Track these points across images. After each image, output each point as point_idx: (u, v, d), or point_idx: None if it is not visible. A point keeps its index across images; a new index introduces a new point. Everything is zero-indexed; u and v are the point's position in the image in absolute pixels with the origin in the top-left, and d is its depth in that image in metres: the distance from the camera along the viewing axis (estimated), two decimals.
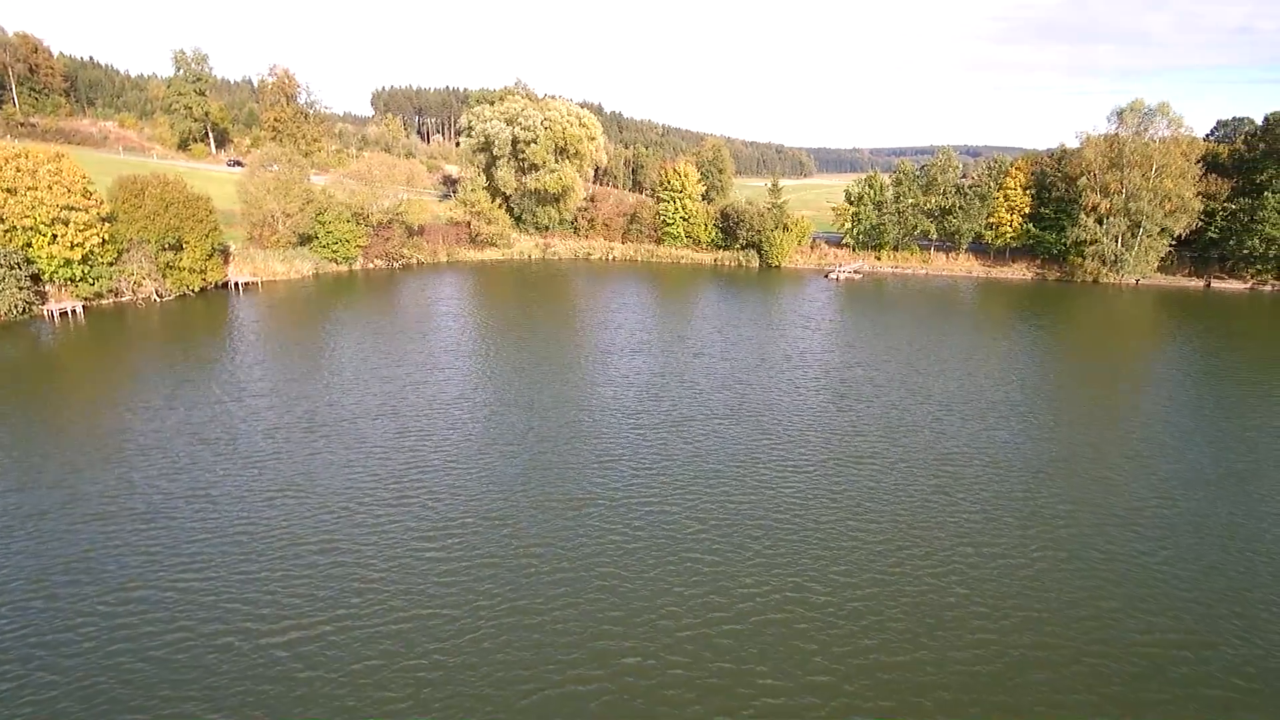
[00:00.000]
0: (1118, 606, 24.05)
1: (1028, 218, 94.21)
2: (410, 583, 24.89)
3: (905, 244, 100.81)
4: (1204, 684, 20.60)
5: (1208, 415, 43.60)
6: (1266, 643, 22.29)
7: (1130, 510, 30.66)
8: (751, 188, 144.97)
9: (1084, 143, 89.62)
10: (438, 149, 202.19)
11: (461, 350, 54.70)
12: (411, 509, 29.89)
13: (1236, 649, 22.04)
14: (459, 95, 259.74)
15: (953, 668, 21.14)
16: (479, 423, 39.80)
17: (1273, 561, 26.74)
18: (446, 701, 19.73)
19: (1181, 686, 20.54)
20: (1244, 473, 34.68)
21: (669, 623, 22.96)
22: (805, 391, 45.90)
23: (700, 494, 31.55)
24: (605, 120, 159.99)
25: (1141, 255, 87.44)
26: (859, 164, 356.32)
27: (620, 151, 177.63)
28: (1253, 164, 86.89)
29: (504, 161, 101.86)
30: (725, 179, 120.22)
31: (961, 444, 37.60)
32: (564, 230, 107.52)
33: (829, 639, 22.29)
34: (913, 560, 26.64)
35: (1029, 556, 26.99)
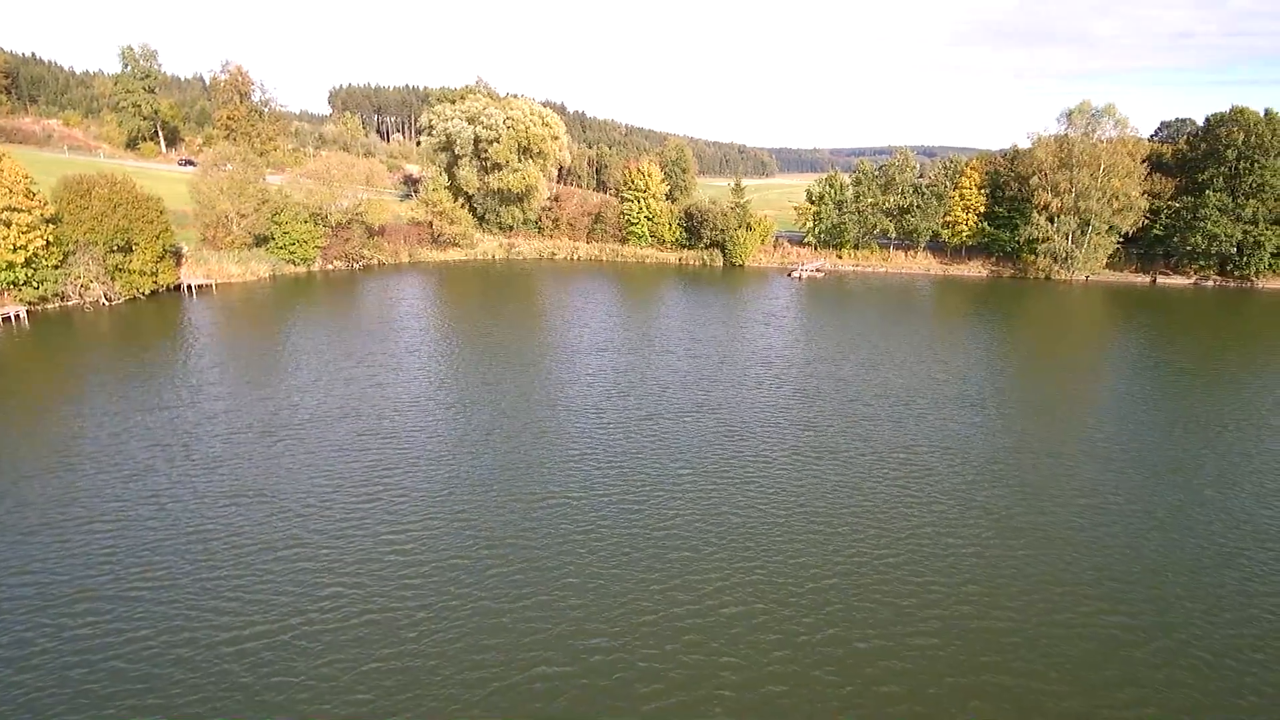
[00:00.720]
0: (1070, 589, 24.84)
1: (982, 216, 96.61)
2: (376, 583, 24.62)
3: (865, 243, 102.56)
4: (1153, 663, 21.41)
5: (1154, 405, 45.34)
6: (1212, 622, 23.25)
7: (1080, 496, 31.71)
8: (715, 187, 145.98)
9: (1035, 143, 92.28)
10: (398, 148, 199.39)
11: (425, 351, 54.12)
12: (376, 509, 29.54)
13: (1185, 628, 22.92)
14: (419, 94, 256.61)
15: (912, 651, 21.67)
16: (443, 422, 39.46)
17: (1217, 544, 27.91)
18: (415, 700, 19.59)
19: (1131, 666, 21.31)
20: (1187, 460, 36.13)
21: (636, 616, 23.11)
22: (769, 387, 46.47)
23: (666, 489, 31.75)
24: (568, 120, 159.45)
25: (1091, 252, 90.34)
26: (819, 164, 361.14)
27: (584, 151, 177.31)
28: (1195, 164, 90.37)
29: (466, 161, 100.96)
30: (688, 179, 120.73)
31: (920, 435, 38.48)
32: (528, 230, 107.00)
33: (794, 628, 22.66)
34: (873, 549, 27.19)
35: (984, 543, 27.76)
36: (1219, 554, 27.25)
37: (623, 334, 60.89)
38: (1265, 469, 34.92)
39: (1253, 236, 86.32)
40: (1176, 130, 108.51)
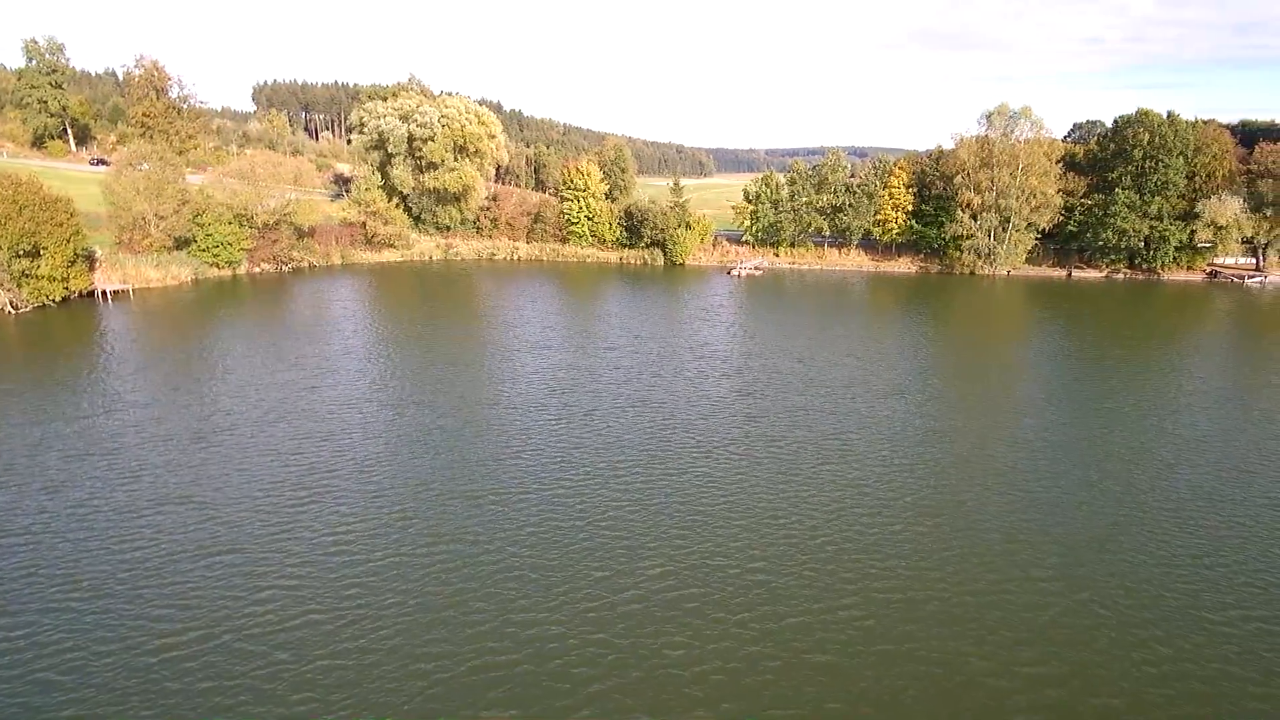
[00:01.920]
0: (985, 561, 26.14)
1: (911, 215, 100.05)
2: (315, 584, 24.20)
3: (801, 241, 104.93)
4: (1059, 623, 22.75)
5: (1069, 390, 48.00)
6: (1114, 585, 24.81)
7: (999, 476, 33.37)
8: (654, 187, 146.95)
9: (958, 144, 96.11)
10: (328, 147, 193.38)
11: (361, 353, 52.82)
12: (312, 512, 28.94)
13: (1088, 590, 24.38)
14: (349, 91, 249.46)
15: (840, 624, 22.73)
16: (381, 424, 38.71)
17: (1124, 515, 29.72)
18: (356, 698, 19.37)
19: (1039, 628, 22.62)
20: (1096, 436, 38.42)
21: (579, 604, 23.41)
22: (710, 381, 47.19)
23: (608, 481, 32.00)
24: (505, 118, 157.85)
25: (1011, 248, 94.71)
26: (755, 164, 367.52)
27: (521, 150, 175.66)
28: (1105, 163, 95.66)
29: (400, 159, 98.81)
30: (628, 178, 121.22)
31: (852, 424, 39.81)
32: (466, 230, 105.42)
33: (730, 608, 23.45)
34: (804, 530, 28.16)
35: (909, 522, 29.00)
36: (1125, 525, 29.02)
37: (565, 332, 60.78)
38: (1170, 445, 37.37)
39: (1158, 232, 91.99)
40: (1088, 131, 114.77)
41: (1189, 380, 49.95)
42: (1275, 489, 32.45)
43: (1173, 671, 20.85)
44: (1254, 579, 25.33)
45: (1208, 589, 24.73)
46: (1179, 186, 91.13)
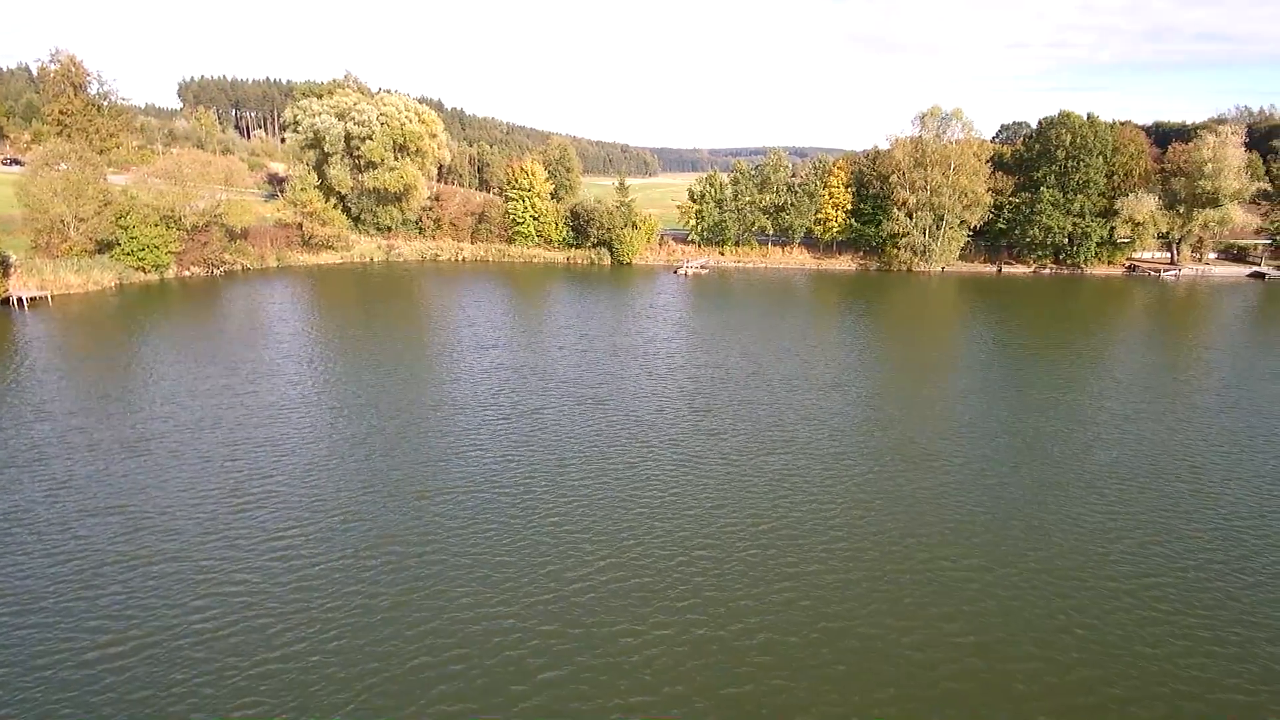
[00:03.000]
0: (918, 540, 27.17)
1: (850, 213, 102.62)
2: (255, 589, 23.73)
3: (745, 239, 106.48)
4: (980, 596, 23.87)
5: (999, 379, 50.17)
6: (1041, 559, 26.10)
7: (932, 460, 34.68)
8: (599, 186, 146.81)
9: (893, 144, 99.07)
10: (260, 145, 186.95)
11: (300, 356, 51.35)
12: (254, 517, 28.25)
13: (1017, 567, 25.59)
14: (282, 88, 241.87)
15: (777, 605, 23.52)
16: (322, 427, 37.83)
17: (1049, 496, 31.26)
18: (301, 701, 19.04)
19: (963, 601, 23.83)
20: (1022, 422, 40.21)
21: (528, 598, 23.51)
22: (657, 378, 47.57)
23: (554, 476, 32.04)
24: (446, 117, 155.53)
25: (945, 246, 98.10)
26: (700, 163, 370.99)
27: (464, 149, 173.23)
28: (1030, 163, 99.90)
29: (337, 159, 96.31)
30: (573, 178, 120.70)
31: (793, 415, 40.81)
32: (408, 231, 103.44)
33: (673, 594, 23.98)
34: (745, 517, 28.93)
35: (845, 505, 30.07)
36: (1046, 503, 30.51)
37: (512, 332, 60.34)
38: (1089, 428, 39.40)
39: (1081, 228, 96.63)
40: (1014, 132, 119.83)
41: (1109, 368, 52.74)
42: (1182, 467, 34.58)
43: (1086, 636, 22.17)
44: (1157, 549, 27.04)
45: (1117, 559, 26.37)
46: (1099, 185, 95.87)
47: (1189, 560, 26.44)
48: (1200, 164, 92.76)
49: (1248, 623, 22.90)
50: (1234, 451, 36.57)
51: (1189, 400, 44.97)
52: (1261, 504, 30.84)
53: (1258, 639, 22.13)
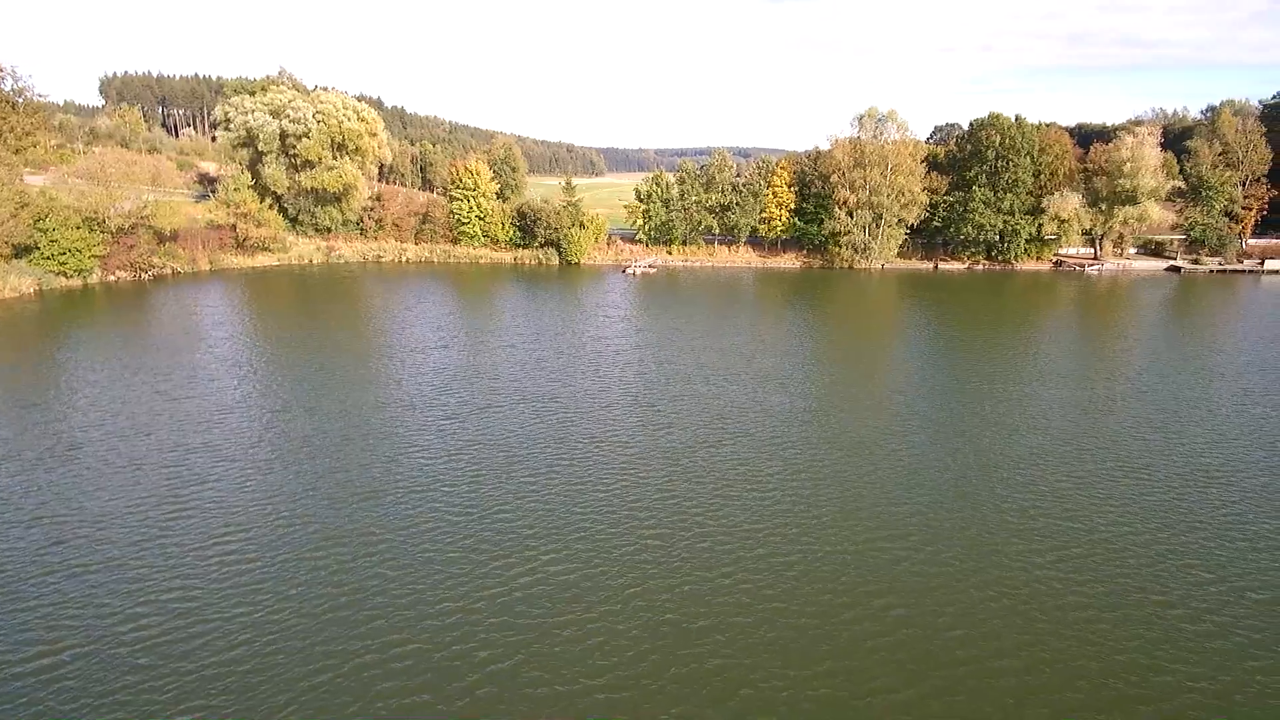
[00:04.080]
0: (857, 522, 28.10)
1: (793, 212, 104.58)
2: (198, 595, 23.17)
3: (692, 239, 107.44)
4: (915, 573, 24.89)
5: (932, 368, 52.05)
6: (966, 537, 27.30)
7: (868, 445, 35.86)
8: (545, 186, 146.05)
9: (833, 145, 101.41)
10: (190, 144, 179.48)
11: (235, 361, 49.69)
12: (192, 522, 27.54)
13: (945, 544, 26.70)
14: (211, 84, 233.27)
15: (719, 590, 24.21)
16: (262, 431, 36.84)
17: (975, 474, 32.64)
18: (251, 704, 18.68)
19: (899, 578, 24.88)
20: (955, 409, 41.83)
21: (478, 592, 23.51)
22: (605, 374, 47.77)
23: (503, 472, 31.94)
24: (387, 115, 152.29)
25: (884, 243, 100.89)
26: (645, 163, 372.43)
27: (406, 148, 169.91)
28: (963, 163, 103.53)
29: (272, 157, 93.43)
30: (519, 177, 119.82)
31: (739, 406, 41.67)
32: (349, 232, 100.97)
33: (616, 583, 24.39)
34: (687, 505, 29.62)
35: (785, 491, 30.98)
36: (974, 485, 31.86)
37: (459, 332, 59.63)
38: (1017, 414, 41.23)
39: (1011, 226, 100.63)
40: (947, 133, 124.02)
41: (1036, 359, 55.21)
42: (1100, 450, 36.48)
43: (1008, 606, 23.42)
44: (1072, 525, 28.57)
45: (1036, 536, 27.81)
46: (1027, 184, 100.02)
47: (1105, 533, 27.95)
48: (1120, 164, 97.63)
49: (1156, 589, 24.38)
50: (1148, 434, 38.74)
51: (1109, 387, 47.43)
52: (1175, 482, 32.79)
53: (1165, 603, 23.59)
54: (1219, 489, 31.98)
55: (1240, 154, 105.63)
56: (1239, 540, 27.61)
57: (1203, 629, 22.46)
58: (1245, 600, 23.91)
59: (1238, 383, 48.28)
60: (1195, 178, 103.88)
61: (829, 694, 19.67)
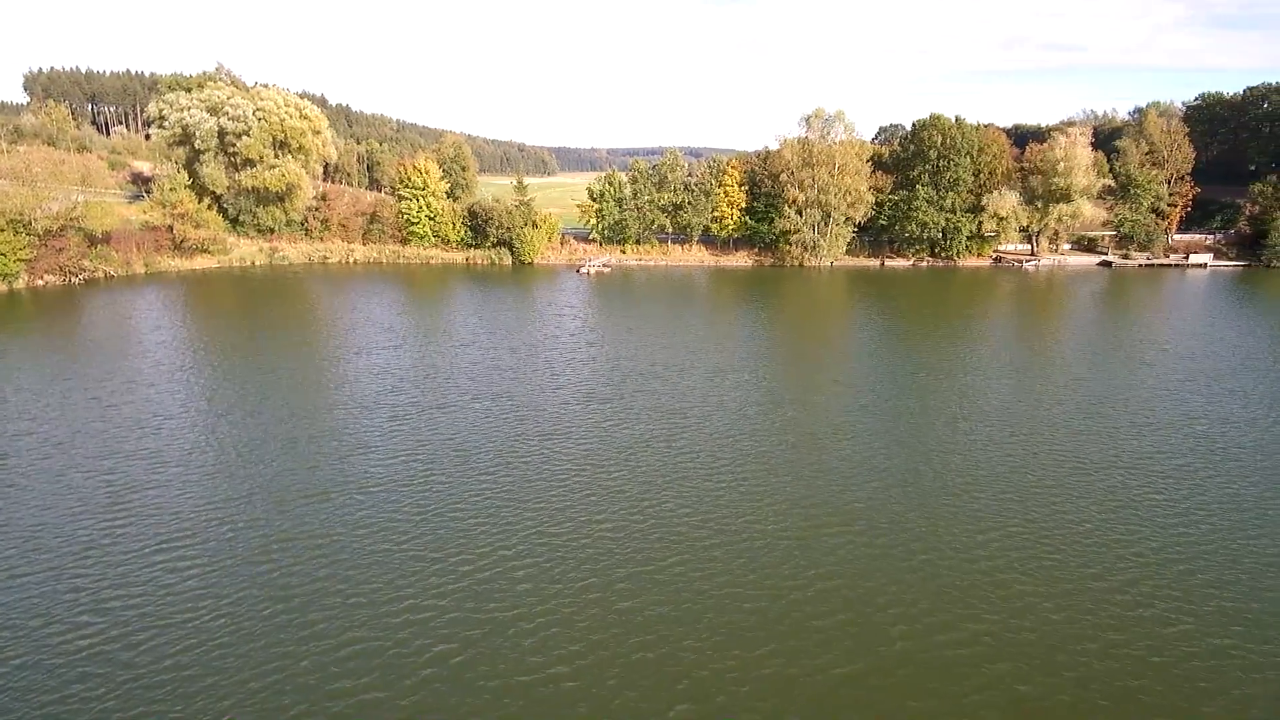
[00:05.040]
0: (803, 507, 28.83)
1: (744, 211, 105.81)
2: (141, 600, 22.74)
3: (646, 238, 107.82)
4: (851, 554, 25.78)
5: (878, 360, 53.49)
6: (896, 518, 28.25)
7: (815, 434, 36.78)
8: (497, 185, 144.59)
9: (782, 145, 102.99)
10: (122, 143, 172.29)
11: (177, 365, 48.06)
12: (133, 528, 26.88)
13: (870, 521, 27.61)
14: (145, 80, 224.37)
15: (663, 576, 24.85)
16: (208, 435, 35.94)
17: (917, 459, 33.71)
18: (196, 710, 18.40)
19: (832, 555, 25.85)
20: (899, 400, 43.06)
21: (430, 590, 23.49)
22: (559, 371, 47.76)
23: (455, 470, 31.83)
24: (331, 113, 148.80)
25: (833, 241, 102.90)
26: (598, 163, 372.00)
27: (352, 147, 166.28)
28: (906, 162, 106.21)
29: (210, 156, 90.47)
30: (469, 176, 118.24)
31: (691, 400, 42.27)
32: (293, 232, 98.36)
33: (577, 574, 24.61)
34: (639, 495, 30.21)
35: (732, 479, 31.80)
36: (915, 471, 32.92)
37: (409, 333, 58.78)
38: (957, 403, 42.68)
39: (953, 223, 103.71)
40: (891, 133, 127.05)
41: (977, 351, 57.18)
42: (1036, 437, 38.03)
43: (947, 583, 24.38)
44: (1003, 508, 29.82)
45: (974, 518, 28.95)
46: (968, 183, 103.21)
47: (1039, 513, 29.23)
48: (1054, 163, 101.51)
49: (1086, 564, 25.60)
50: (1077, 418, 40.52)
51: (1046, 377, 49.40)
52: (1105, 465, 34.39)
53: (1093, 575, 24.85)
54: (1145, 471, 33.68)
55: (1165, 153, 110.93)
56: (1164, 517, 29.17)
57: (1128, 598, 23.72)
58: (1166, 572, 25.32)
59: (1164, 371, 50.83)
60: (1124, 176, 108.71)
61: (774, 673, 20.29)
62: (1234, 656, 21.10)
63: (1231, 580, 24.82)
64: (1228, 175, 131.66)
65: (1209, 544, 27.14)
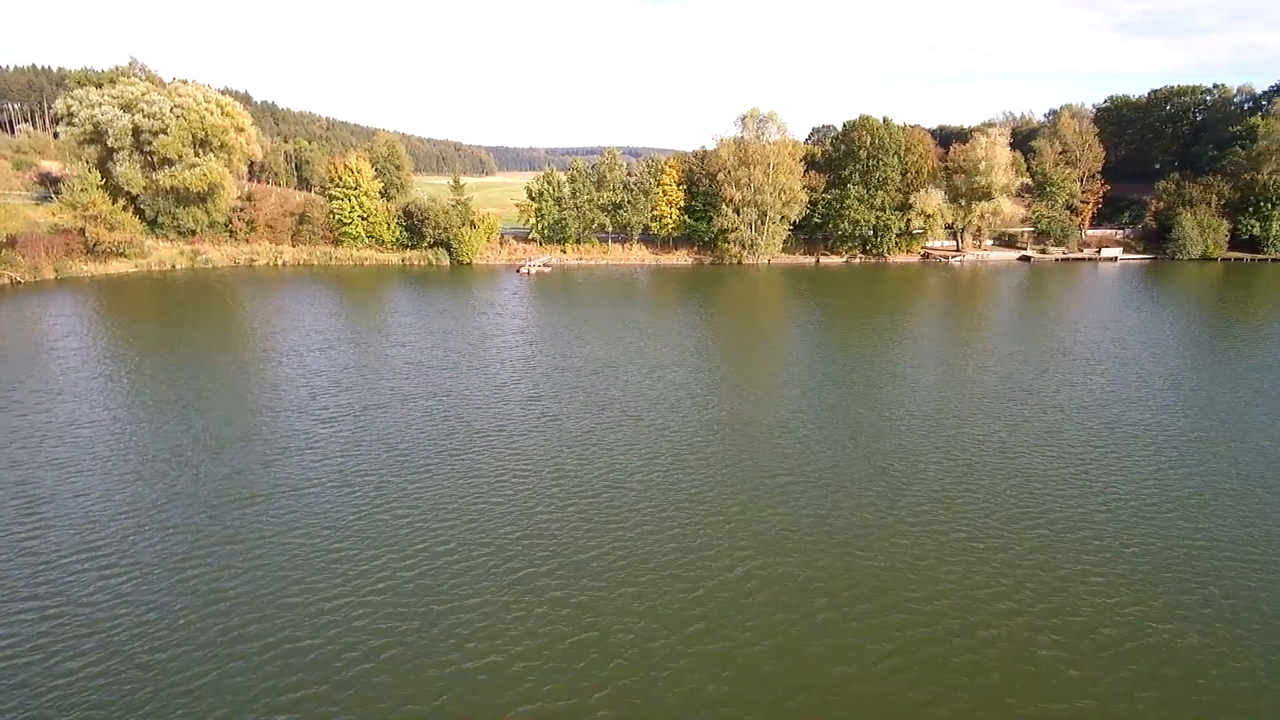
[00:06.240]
0: (738, 496, 29.57)
1: (683, 210, 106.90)
2: (57, 610, 21.86)
3: (586, 237, 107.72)
4: (785, 537, 26.51)
5: (812, 354, 55.08)
6: (843, 498, 29.25)
7: (753, 424, 37.59)
8: (433, 185, 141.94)
9: (719, 144, 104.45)
10: (27, 141, 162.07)
11: (93, 372, 45.67)
12: (51, 537, 25.74)
13: (818, 510, 28.51)
14: (52, 76, 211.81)
15: (607, 568, 25.12)
16: (128, 441, 34.46)
17: (836, 448, 34.92)
18: (114, 715, 17.76)
19: (775, 541, 26.42)
20: (832, 391, 44.44)
21: (367, 584, 23.18)
22: (496, 370, 47.43)
23: (392, 468, 31.37)
24: (256, 110, 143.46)
25: (770, 239, 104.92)
26: (536, 162, 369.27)
27: (279, 145, 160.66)
28: (838, 162, 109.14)
29: (125, 155, 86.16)
30: (404, 176, 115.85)
31: (628, 394, 42.68)
32: (217, 234, 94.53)
33: (517, 565, 24.64)
34: (578, 490, 30.35)
35: (667, 470, 32.27)
36: (845, 459, 34.17)
37: (342, 334, 57.35)
38: (891, 390, 44.28)
39: (883, 221, 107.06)
40: (824, 134, 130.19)
41: (905, 343, 59.41)
42: (957, 422, 39.81)
43: (866, 557, 25.50)
44: (930, 486, 31.18)
45: (896, 496, 30.24)
46: (896, 182, 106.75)
47: (953, 489, 30.69)
48: (975, 162, 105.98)
49: (998, 537, 27.01)
50: (993, 404, 42.57)
51: (968, 365, 51.67)
52: (1021, 447, 36.30)
53: (995, 545, 26.26)
54: (1057, 450, 35.69)
55: (1078, 153, 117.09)
56: (1071, 492, 31.02)
57: (1035, 562, 25.18)
58: (1067, 539, 27.05)
59: (1077, 358, 53.78)
60: (1040, 175, 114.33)
61: (700, 649, 20.96)
62: (1127, 610, 22.79)
63: (1130, 544, 26.65)
64: (1134, 174, 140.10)
65: (1110, 513, 29.04)
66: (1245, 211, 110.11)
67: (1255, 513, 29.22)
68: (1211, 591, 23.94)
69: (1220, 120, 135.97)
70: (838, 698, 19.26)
